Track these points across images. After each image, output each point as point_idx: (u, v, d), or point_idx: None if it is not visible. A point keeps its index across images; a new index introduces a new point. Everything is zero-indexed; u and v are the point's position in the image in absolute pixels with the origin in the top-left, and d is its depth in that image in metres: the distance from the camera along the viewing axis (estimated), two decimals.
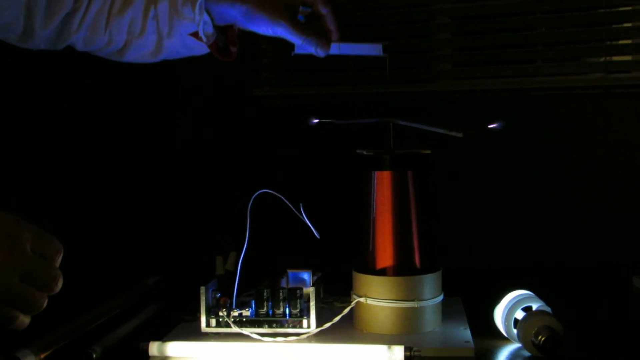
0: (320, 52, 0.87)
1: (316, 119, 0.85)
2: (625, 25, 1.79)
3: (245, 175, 1.92)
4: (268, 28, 0.85)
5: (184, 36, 0.89)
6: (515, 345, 0.76)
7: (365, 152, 0.84)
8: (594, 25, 1.80)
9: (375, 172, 0.83)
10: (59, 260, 0.64)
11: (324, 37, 0.87)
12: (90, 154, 1.64)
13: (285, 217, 0.83)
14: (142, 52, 0.92)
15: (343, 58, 1.98)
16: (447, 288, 0.86)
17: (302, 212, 0.81)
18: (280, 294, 0.80)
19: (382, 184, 0.82)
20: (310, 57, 0.89)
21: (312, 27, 0.87)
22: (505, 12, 1.85)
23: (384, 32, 1.92)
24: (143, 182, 1.86)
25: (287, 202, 0.81)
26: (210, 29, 0.88)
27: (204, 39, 0.88)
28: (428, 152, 0.84)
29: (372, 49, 0.89)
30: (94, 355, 0.75)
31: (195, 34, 0.88)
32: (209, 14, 0.87)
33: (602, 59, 1.80)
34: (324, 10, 0.87)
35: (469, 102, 1.86)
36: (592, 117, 1.78)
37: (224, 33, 0.91)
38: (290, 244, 1.38)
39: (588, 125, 1.78)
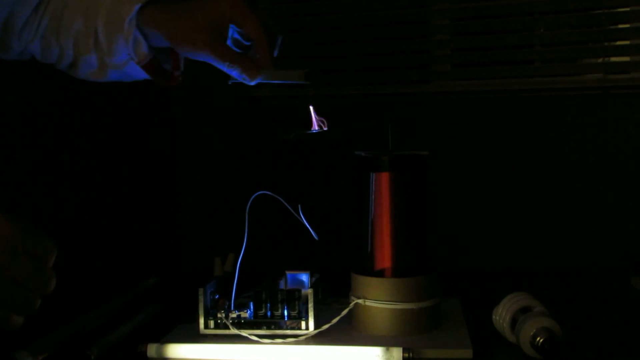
0: (247, 80, 0.82)
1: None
2: (623, 26, 1.80)
3: (243, 177, 1.92)
4: (190, 52, 0.81)
5: (125, 56, 0.85)
6: (514, 346, 0.76)
7: (363, 154, 0.84)
8: (592, 26, 1.81)
9: (374, 174, 0.83)
10: (52, 260, 0.64)
11: (252, 64, 0.81)
12: (88, 155, 1.64)
13: (283, 219, 0.83)
14: (90, 70, 0.90)
15: (343, 59, 1.99)
16: (446, 289, 0.86)
17: (301, 213, 0.81)
18: (279, 296, 0.80)
19: (381, 185, 0.82)
20: (309, 58, 0.89)
21: (242, 54, 0.82)
22: (503, 13, 1.85)
23: (384, 33, 1.92)
24: (142, 183, 1.86)
25: (286, 204, 0.81)
26: (144, 49, 0.84)
27: (135, 58, 0.84)
28: (426, 153, 0.84)
29: (292, 77, 0.83)
30: (92, 357, 0.74)
31: (137, 56, 0.84)
32: (143, 34, 0.83)
33: (600, 60, 1.80)
34: (254, 34, 0.80)
35: (468, 103, 1.86)
36: (591, 118, 1.78)
37: (167, 55, 0.87)
38: (289, 245, 1.38)
39: (586, 126, 1.78)
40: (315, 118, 0.83)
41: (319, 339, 0.78)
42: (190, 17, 0.79)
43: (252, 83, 0.82)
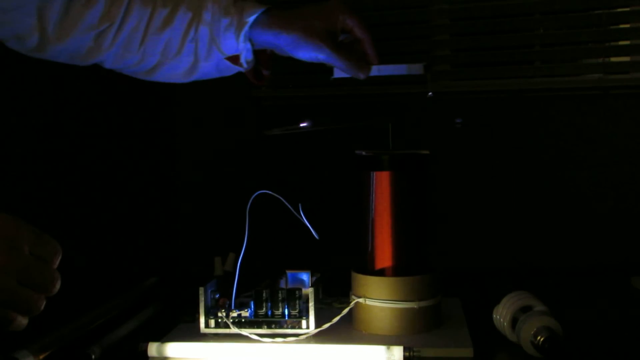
0: (361, 76, 0.89)
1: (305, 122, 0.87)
2: (624, 26, 1.80)
3: (244, 176, 1.92)
4: (311, 55, 0.87)
5: (220, 60, 0.90)
6: (515, 345, 0.76)
7: (364, 153, 0.84)
8: (592, 26, 1.81)
9: (374, 173, 0.83)
10: (57, 261, 0.64)
11: (363, 61, 0.89)
12: (88, 155, 1.64)
13: (284, 218, 0.83)
14: (174, 72, 0.92)
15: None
16: (446, 289, 0.86)
17: (301, 212, 0.81)
18: (279, 295, 0.80)
19: (381, 184, 0.83)
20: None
21: (352, 52, 0.89)
22: (503, 13, 1.85)
23: (384, 34, 1.92)
24: (142, 183, 1.86)
25: (286, 203, 0.81)
26: (250, 56, 0.89)
27: (245, 66, 0.90)
28: (427, 152, 0.84)
29: (413, 69, 0.90)
30: (93, 356, 0.75)
31: (233, 59, 0.89)
32: (250, 41, 0.88)
33: (600, 60, 1.80)
34: (362, 35, 0.89)
35: (467, 103, 1.86)
36: (591, 118, 1.78)
37: (257, 57, 0.92)
38: (289, 244, 1.38)
39: (586, 126, 1.78)
40: None
41: (320, 338, 0.78)
42: (309, 23, 0.86)
43: (364, 77, 0.90)
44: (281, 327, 0.80)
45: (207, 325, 0.81)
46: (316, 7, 0.88)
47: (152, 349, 0.76)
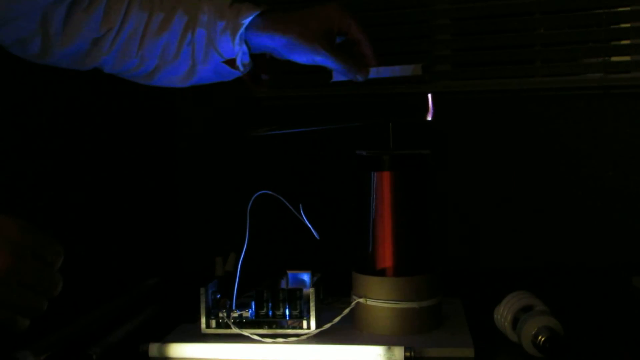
0: (359, 78, 0.89)
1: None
2: (624, 25, 1.79)
3: (244, 176, 1.92)
4: (308, 57, 0.86)
5: (218, 63, 0.90)
6: (515, 345, 0.76)
7: (364, 153, 0.84)
8: (592, 25, 1.81)
9: (375, 173, 0.83)
10: (59, 263, 0.64)
11: (361, 63, 0.88)
12: (89, 155, 1.64)
13: (284, 218, 0.83)
14: (173, 76, 0.92)
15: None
16: (447, 289, 0.86)
17: (302, 213, 0.81)
18: (280, 295, 0.80)
19: (382, 184, 0.83)
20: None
21: (350, 54, 0.88)
22: (504, 12, 1.85)
23: (384, 34, 1.92)
24: (142, 183, 1.86)
25: (287, 203, 0.81)
26: (247, 59, 0.89)
27: (241, 69, 0.89)
28: (427, 152, 0.84)
29: (411, 70, 0.89)
30: (94, 357, 0.75)
31: (230, 62, 0.89)
32: (246, 44, 0.88)
33: (601, 60, 1.80)
34: (359, 37, 0.88)
35: (468, 103, 1.86)
36: (591, 117, 1.78)
37: (255, 60, 0.91)
38: (290, 245, 1.38)
39: (587, 125, 1.78)
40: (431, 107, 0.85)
41: (321, 338, 0.78)
42: (306, 26, 0.86)
43: (362, 80, 0.89)
44: (282, 327, 0.80)
45: (208, 326, 0.81)
46: (313, 9, 0.88)
47: (153, 349, 0.76)
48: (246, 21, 0.86)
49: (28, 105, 1.44)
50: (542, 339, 0.71)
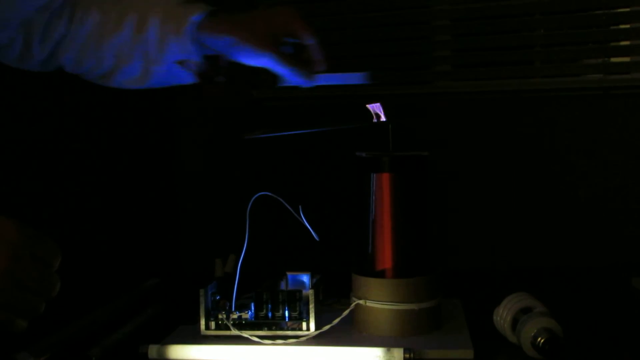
0: (306, 83, 0.87)
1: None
2: (624, 26, 1.80)
3: (244, 177, 1.92)
4: (254, 59, 0.85)
5: (171, 64, 0.89)
6: (515, 347, 0.76)
7: (364, 154, 0.84)
8: (592, 26, 1.81)
9: (374, 174, 0.83)
10: (57, 264, 0.64)
11: (309, 68, 0.87)
12: (89, 157, 1.64)
13: (284, 220, 0.83)
14: (129, 77, 0.92)
15: (343, 60, 2.00)
16: (447, 290, 0.86)
17: (302, 214, 0.81)
18: (280, 297, 0.80)
19: (381, 186, 0.82)
20: None
21: (298, 58, 0.87)
22: (504, 13, 1.85)
23: (384, 34, 1.92)
24: (143, 184, 1.86)
25: (286, 205, 0.81)
26: (198, 59, 0.88)
27: (193, 68, 0.89)
28: (427, 154, 0.84)
29: (357, 78, 0.89)
30: (93, 358, 0.75)
31: (183, 63, 0.88)
32: (198, 43, 0.87)
33: (600, 61, 1.80)
34: (309, 41, 0.87)
35: (468, 104, 1.86)
36: (591, 118, 1.79)
37: (210, 62, 0.90)
38: (290, 246, 1.38)
39: (587, 126, 1.78)
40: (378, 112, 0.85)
41: (320, 339, 0.78)
42: (253, 27, 0.85)
43: (309, 86, 0.87)
44: (282, 328, 0.80)
45: (207, 327, 0.81)
46: (263, 11, 0.87)
47: (153, 351, 0.76)
48: (195, 19, 0.86)
49: (27, 106, 1.44)
50: (542, 341, 0.71)
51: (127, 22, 0.89)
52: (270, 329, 0.80)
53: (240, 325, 0.80)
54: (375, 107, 0.84)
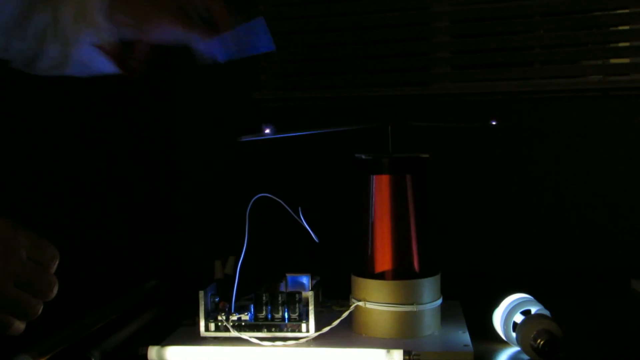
0: (217, 57, 0.88)
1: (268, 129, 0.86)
2: (624, 28, 1.80)
3: (244, 179, 1.92)
4: (159, 34, 0.86)
5: (89, 48, 0.89)
6: (514, 348, 0.76)
7: (364, 156, 0.84)
8: (592, 28, 1.81)
9: (374, 176, 0.83)
10: (55, 266, 0.64)
11: (214, 31, 0.87)
12: (88, 157, 1.64)
13: (284, 221, 0.83)
14: (51, 63, 0.92)
15: (342, 61, 2.00)
16: (446, 291, 0.86)
17: (301, 216, 0.81)
18: (279, 298, 0.80)
19: (381, 187, 0.83)
20: (310, 60, 0.89)
21: (205, 26, 0.87)
22: (503, 15, 1.85)
23: (383, 35, 1.92)
24: (142, 185, 1.86)
25: (286, 206, 0.81)
26: (113, 39, 0.88)
27: (107, 48, 0.88)
28: (426, 155, 0.84)
29: (255, 25, 0.89)
30: None
31: (101, 47, 0.89)
32: (112, 22, 0.87)
33: (600, 62, 1.80)
34: (214, 7, 0.87)
35: (467, 105, 1.86)
36: (591, 120, 1.78)
37: (130, 46, 0.90)
38: (289, 248, 1.38)
39: (586, 127, 1.78)
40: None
41: (320, 341, 0.78)
42: (163, 2, 0.86)
43: (221, 59, 0.88)
44: (281, 330, 0.80)
45: (207, 329, 0.81)
46: None
47: (152, 352, 0.76)
48: (100, 6, 0.86)
49: (25, 104, 1.44)
50: (541, 342, 0.71)
51: (44, 5, 0.89)
52: (269, 330, 0.80)
53: (240, 326, 0.80)
54: (267, 128, 0.85)
